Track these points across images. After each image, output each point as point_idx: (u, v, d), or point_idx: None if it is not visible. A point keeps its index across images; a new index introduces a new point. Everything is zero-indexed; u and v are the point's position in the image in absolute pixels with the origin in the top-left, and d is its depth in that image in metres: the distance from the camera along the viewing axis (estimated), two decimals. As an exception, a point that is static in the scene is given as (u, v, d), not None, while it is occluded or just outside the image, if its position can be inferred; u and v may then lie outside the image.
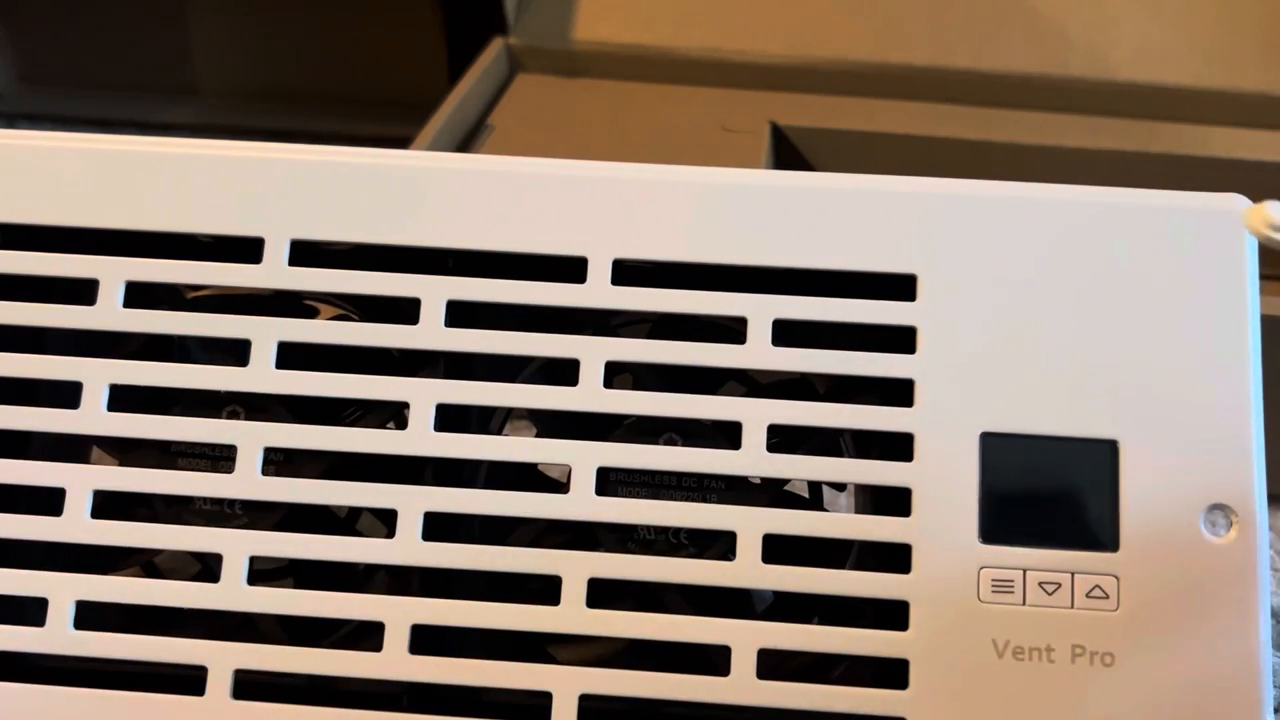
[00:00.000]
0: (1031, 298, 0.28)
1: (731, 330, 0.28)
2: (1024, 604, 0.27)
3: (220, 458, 0.29)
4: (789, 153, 0.54)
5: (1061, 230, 0.28)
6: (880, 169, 0.54)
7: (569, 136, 0.53)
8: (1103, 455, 0.27)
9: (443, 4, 0.62)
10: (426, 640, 0.27)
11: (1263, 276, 0.54)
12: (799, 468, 0.28)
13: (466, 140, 0.52)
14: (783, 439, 0.28)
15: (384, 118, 0.67)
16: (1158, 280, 0.28)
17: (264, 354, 0.28)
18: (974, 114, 0.55)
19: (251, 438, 0.28)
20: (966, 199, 0.29)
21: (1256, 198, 0.52)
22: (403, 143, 0.50)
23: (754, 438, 0.28)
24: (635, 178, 0.29)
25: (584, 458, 0.28)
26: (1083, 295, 0.28)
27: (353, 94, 0.69)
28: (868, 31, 0.58)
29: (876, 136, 0.53)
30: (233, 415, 0.29)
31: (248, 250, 0.29)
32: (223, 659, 0.27)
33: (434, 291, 0.29)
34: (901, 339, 0.28)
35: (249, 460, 0.28)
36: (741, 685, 0.26)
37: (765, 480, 0.29)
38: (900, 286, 0.28)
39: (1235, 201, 0.29)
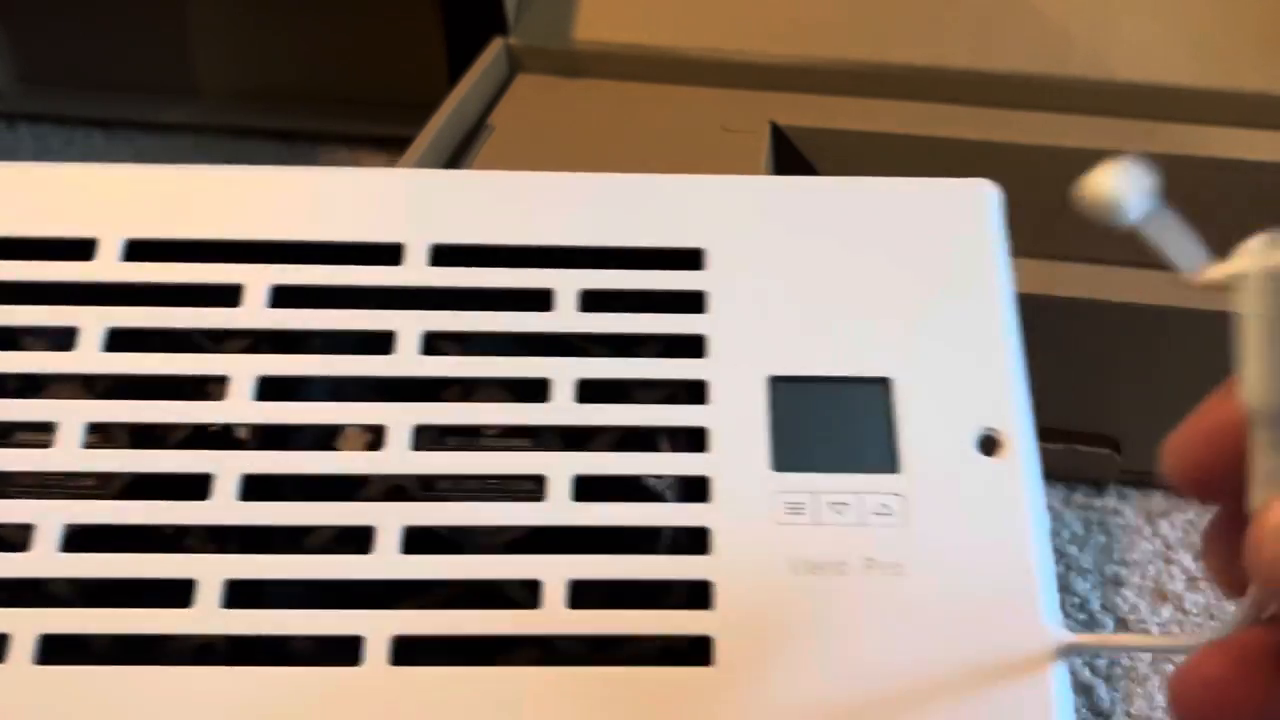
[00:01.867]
0: (809, 265, 0.32)
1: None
2: (817, 524, 0.29)
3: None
4: (789, 153, 0.54)
5: (837, 210, 0.33)
6: (881, 169, 0.54)
7: (569, 137, 0.53)
8: (878, 391, 0.31)
9: (442, 4, 0.62)
10: (241, 594, 0.28)
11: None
12: (604, 416, 0.30)
13: (466, 140, 0.52)
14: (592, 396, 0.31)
15: (384, 118, 0.67)
16: (923, 246, 0.33)
17: (91, 340, 0.31)
18: (974, 114, 0.55)
19: (73, 414, 0.30)
20: (752, 186, 0.34)
21: (1257, 197, 0.52)
22: (403, 143, 0.50)
23: (563, 392, 0.30)
24: (454, 180, 0.34)
25: (399, 418, 0.30)
26: (857, 262, 0.32)
27: (353, 94, 0.69)
28: (868, 31, 0.58)
29: (877, 136, 0.53)
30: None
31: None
32: (25, 624, 0.27)
33: (258, 277, 0.31)
34: (694, 302, 0.32)
35: (70, 437, 0.30)
36: (552, 616, 0.28)
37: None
38: (692, 260, 0.32)
39: (982, 184, 0.34)
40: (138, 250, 0.32)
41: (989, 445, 0.30)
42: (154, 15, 0.68)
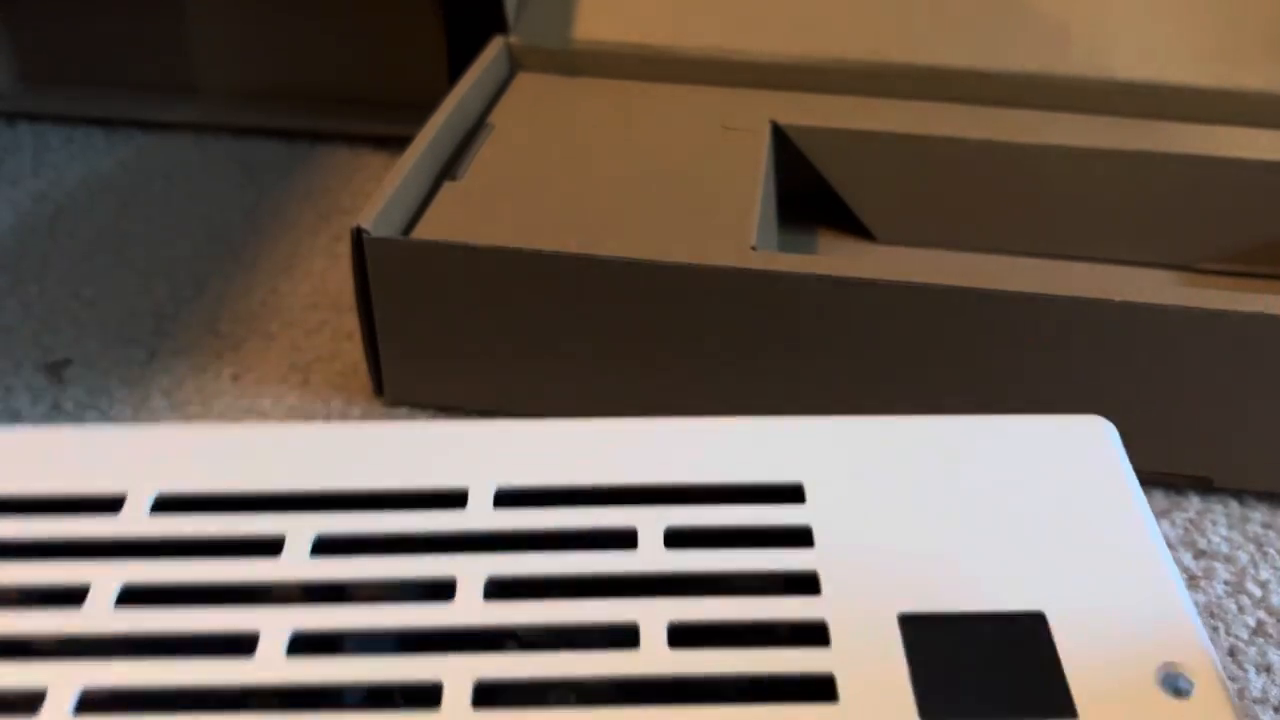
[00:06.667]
0: (925, 495, 0.30)
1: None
2: None
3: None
4: (789, 151, 0.54)
5: (948, 447, 0.31)
6: (880, 167, 0.54)
7: (569, 135, 0.53)
8: (1032, 626, 0.27)
9: (443, 3, 0.62)
10: None
11: (1262, 275, 0.54)
12: (709, 663, 0.26)
13: (467, 139, 0.52)
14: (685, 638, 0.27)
15: (384, 117, 0.67)
16: (1049, 486, 0.30)
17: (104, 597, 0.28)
18: (974, 113, 0.55)
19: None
20: (854, 428, 0.31)
21: (1260, 195, 0.52)
22: (403, 141, 0.50)
23: (655, 637, 0.26)
24: (526, 430, 0.31)
25: (459, 671, 0.26)
26: (977, 501, 0.30)
27: (353, 93, 0.69)
28: (868, 31, 0.58)
29: (877, 135, 0.53)
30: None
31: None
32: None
33: (300, 525, 0.29)
34: (799, 537, 0.29)
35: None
36: None
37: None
38: (790, 495, 0.30)
39: (1098, 422, 0.32)
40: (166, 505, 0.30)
41: (1177, 683, 0.26)
42: (154, 15, 0.68)
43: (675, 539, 0.29)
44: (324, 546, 0.29)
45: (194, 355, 0.50)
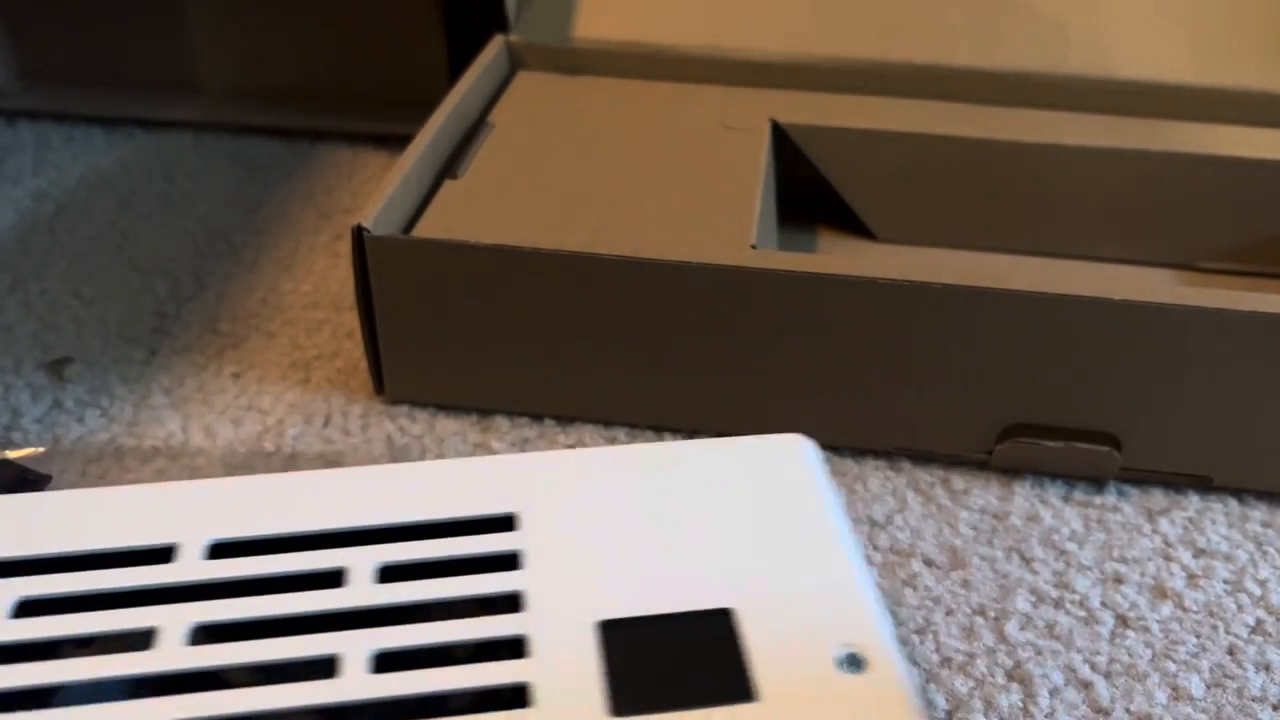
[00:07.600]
0: (630, 515, 0.32)
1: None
2: None
3: None
4: (789, 150, 0.54)
5: (657, 470, 0.33)
6: (880, 166, 0.54)
7: (569, 134, 0.53)
8: (719, 621, 0.29)
9: (443, 2, 0.62)
10: None
11: (1262, 274, 0.54)
12: (407, 684, 0.27)
13: (467, 138, 0.52)
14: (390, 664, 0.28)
15: (384, 115, 0.67)
16: (747, 498, 0.32)
17: None
18: (974, 112, 0.55)
19: None
20: (567, 459, 0.33)
21: (1257, 194, 0.52)
22: (403, 140, 0.50)
23: (356, 665, 0.27)
24: (241, 486, 0.32)
25: (153, 714, 0.26)
26: (681, 516, 0.32)
27: (353, 91, 0.69)
28: (868, 30, 0.58)
29: (876, 134, 0.53)
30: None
31: None
32: None
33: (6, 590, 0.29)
34: (507, 562, 0.30)
35: None
36: None
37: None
38: (502, 524, 0.31)
39: (796, 439, 0.34)
40: None
41: (851, 662, 0.28)
42: (155, 12, 0.68)
43: (388, 574, 0.30)
44: (25, 609, 0.29)
45: (195, 353, 0.50)
